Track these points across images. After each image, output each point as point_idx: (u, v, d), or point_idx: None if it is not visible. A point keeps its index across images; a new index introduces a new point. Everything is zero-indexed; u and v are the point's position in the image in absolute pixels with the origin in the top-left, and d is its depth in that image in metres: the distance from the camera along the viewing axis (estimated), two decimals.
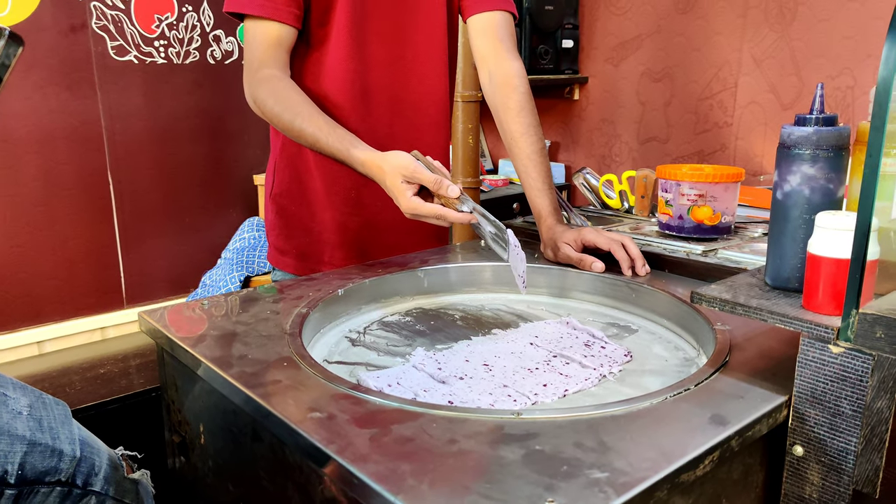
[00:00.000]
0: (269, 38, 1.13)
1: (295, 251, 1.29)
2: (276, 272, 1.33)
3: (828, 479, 0.68)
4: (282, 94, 1.11)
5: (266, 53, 1.13)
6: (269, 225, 1.33)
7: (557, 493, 0.55)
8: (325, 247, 1.28)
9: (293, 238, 1.29)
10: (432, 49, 1.24)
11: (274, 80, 1.13)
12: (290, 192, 1.27)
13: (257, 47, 1.13)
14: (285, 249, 1.30)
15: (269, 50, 1.14)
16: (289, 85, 1.13)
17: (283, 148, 1.27)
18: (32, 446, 0.84)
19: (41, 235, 1.86)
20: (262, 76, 1.13)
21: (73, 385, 1.59)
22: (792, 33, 1.99)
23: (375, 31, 1.19)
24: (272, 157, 1.30)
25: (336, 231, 1.27)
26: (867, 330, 0.63)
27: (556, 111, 2.67)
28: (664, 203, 1.23)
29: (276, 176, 1.29)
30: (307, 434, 0.64)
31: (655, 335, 1.00)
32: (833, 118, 0.73)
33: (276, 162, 1.28)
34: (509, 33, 1.27)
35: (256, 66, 1.13)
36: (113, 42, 1.93)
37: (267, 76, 1.13)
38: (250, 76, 1.14)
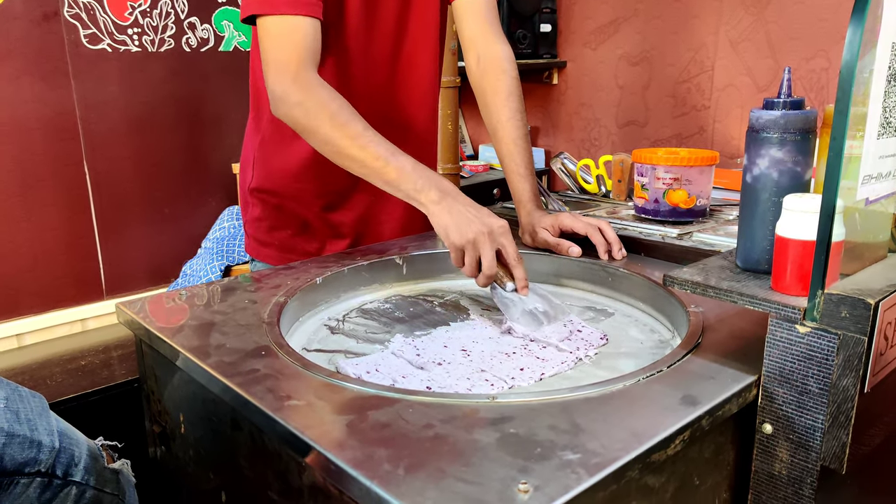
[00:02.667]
0: (305, 35, 1.04)
1: (277, 243, 1.28)
2: (256, 263, 1.32)
3: (796, 455, 0.70)
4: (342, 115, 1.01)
5: (305, 53, 1.03)
6: (247, 217, 1.31)
7: (531, 474, 0.56)
8: (313, 240, 1.27)
9: (275, 231, 1.28)
10: (426, 41, 1.23)
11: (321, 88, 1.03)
12: (271, 187, 1.25)
13: (289, 46, 1.03)
14: (266, 241, 1.29)
15: (307, 49, 1.04)
16: (344, 102, 1.03)
17: (262, 144, 1.24)
18: (10, 438, 0.84)
19: (18, 227, 1.85)
20: (304, 80, 1.02)
21: (53, 377, 1.58)
22: (767, 16, 2.00)
23: (379, 28, 1.18)
24: (248, 151, 1.28)
25: (326, 225, 1.26)
26: (832, 310, 0.65)
27: (535, 96, 2.67)
28: (640, 187, 1.25)
29: (254, 170, 1.26)
30: (285, 422, 0.65)
31: (631, 318, 1.01)
32: (800, 102, 0.74)
33: (255, 157, 1.25)
34: (495, 15, 1.27)
35: (294, 68, 1.02)
36: (86, 30, 1.91)
37: (311, 81, 1.03)
38: (284, 78, 1.02)
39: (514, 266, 0.96)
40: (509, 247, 0.95)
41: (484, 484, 0.55)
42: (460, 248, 0.95)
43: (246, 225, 1.33)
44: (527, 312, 0.94)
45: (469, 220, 0.95)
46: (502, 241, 0.95)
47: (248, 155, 1.28)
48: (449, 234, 0.95)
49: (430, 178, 0.99)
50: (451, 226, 0.95)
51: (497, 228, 0.95)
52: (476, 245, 0.94)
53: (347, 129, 1.00)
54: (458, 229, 0.94)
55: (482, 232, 0.94)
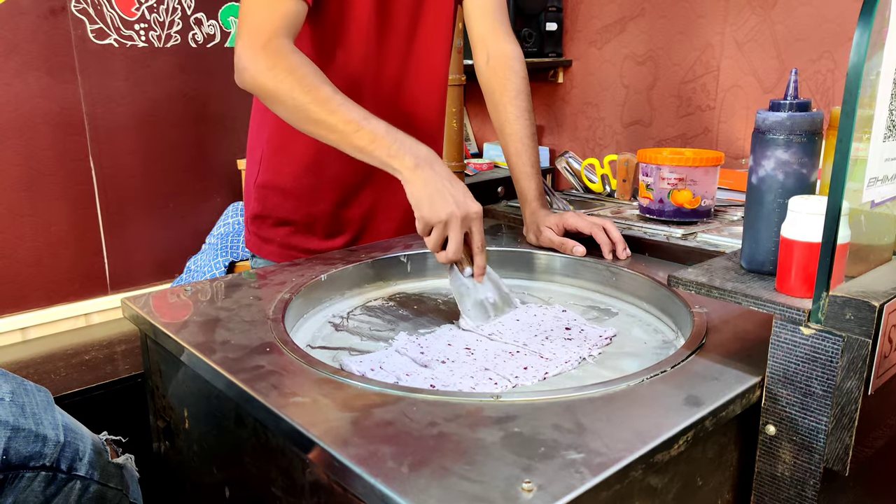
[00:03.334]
0: (288, 11, 1.00)
1: (279, 239, 1.28)
2: (257, 259, 1.31)
3: (799, 457, 0.70)
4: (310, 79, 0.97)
5: (279, 23, 0.99)
6: (250, 213, 1.30)
7: (534, 473, 0.56)
8: (315, 237, 1.27)
9: (279, 227, 1.27)
10: (438, 39, 1.23)
11: (293, 54, 0.98)
12: (278, 183, 1.24)
13: (268, 15, 0.99)
14: (269, 238, 1.28)
15: (286, 22, 1.00)
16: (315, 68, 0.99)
17: (270, 139, 1.23)
18: (16, 432, 0.85)
19: (23, 222, 1.85)
20: (276, 46, 0.98)
21: (57, 371, 1.59)
22: (773, 17, 2.00)
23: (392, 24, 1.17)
24: (256, 146, 1.27)
25: (330, 221, 1.26)
26: (837, 312, 0.65)
27: (541, 94, 2.67)
28: (645, 187, 1.25)
29: (261, 165, 1.25)
30: (289, 418, 0.65)
31: (635, 318, 1.01)
32: (807, 104, 0.74)
33: (263, 152, 1.25)
34: (504, 14, 1.27)
35: (267, 35, 0.98)
36: (93, 25, 1.91)
37: (283, 47, 0.98)
38: (254, 43, 0.98)
39: (476, 253, 0.96)
40: (477, 234, 0.95)
41: (487, 482, 0.55)
42: (429, 223, 0.94)
43: (248, 221, 1.32)
44: (478, 303, 0.97)
45: (444, 198, 0.92)
46: (472, 226, 0.95)
47: (255, 150, 1.27)
48: (421, 207, 0.93)
49: (405, 142, 0.95)
50: (425, 199, 0.93)
51: (471, 213, 0.94)
52: (446, 225, 0.93)
53: (316, 93, 0.96)
54: (431, 205, 0.93)
55: (455, 214, 0.92)
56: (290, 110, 0.98)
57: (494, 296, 0.98)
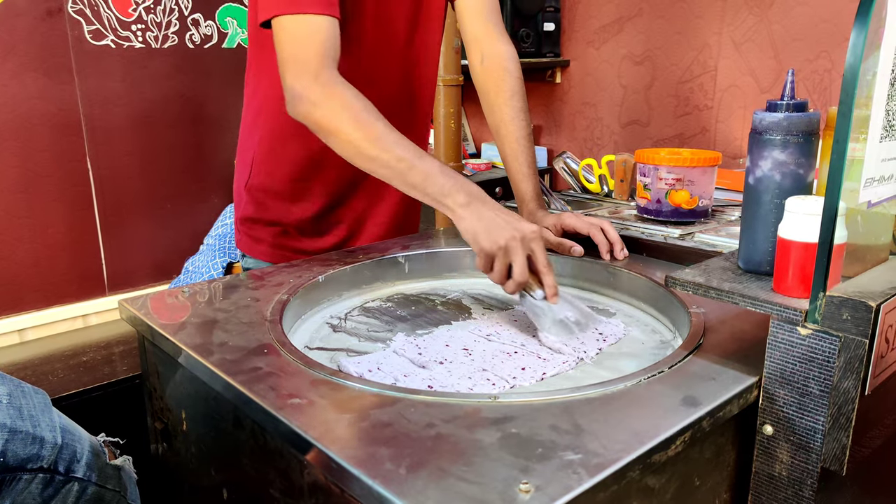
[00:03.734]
0: (327, 35, 1.00)
1: (271, 239, 1.27)
2: (248, 259, 1.31)
3: (797, 457, 0.70)
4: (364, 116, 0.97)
5: (326, 52, 1.00)
6: (241, 214, 1.30)
7: (532, 474, 0.56)
8: (306, 238, 1.27)
9: (270, 227, 1.27)
10: (433, 43, 1.24)
11: (345, 87, 0.99)
12: (270, 185, 1.24)
13: (309, 43, 0.99)
14: (260, 238, 1.28)
15: (328, 48, 1.00)
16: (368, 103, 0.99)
17: (261, 141, 1.23)
18: (13, 434, 0.84)
19: (21, 223, 1.85)
20: (327, 78, 0.99)
21: (55, 373, 1.58)
22: (771, 17, 2.00)
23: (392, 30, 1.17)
24: (248, 148, 1.26)
25: (322, 223, 1.26)
26: (834, 312, 0.65)
27: (538, 94, 2.67)
28: (642, 187, 1.25)
29: (253, 168, 1.25)
30: (287, 420, 0.65)
31: (633, 318, 1.01)
32: (803, 104, 0.74)
33: (255, 155, 1.24)
34: (498, 14, 1.27)
35: (315, 65, 0.99)
36: (90, 26, 1.91)
37: (333, 80, 0.99)
38: (305, 75, 0.99)
39: (544, 273, 0.92)
40: (540, 253, 0.92)
41: (485, 484, 0.55)
42: (490, 254, 0.91)
43: (239, 222, 1.31)
44: (557, 322, 0.92)
45: (500, 226, 0.91)
46: (533, 246, 0.92)
47: (246, 152, 1.27)
48: (479, 239, 0.92)
49: (457, 180, 0.95)
50: (481, 231, 0.92)
51: (529, 234, 0.91)
52: (507, 251, 0.90)
53: (370, 131, 0.97)
54: (488, 234, 0.91)
55: (514, 237, 0.90)
56: (344, 145, 0.98)
57: (574, 314, 0.93)
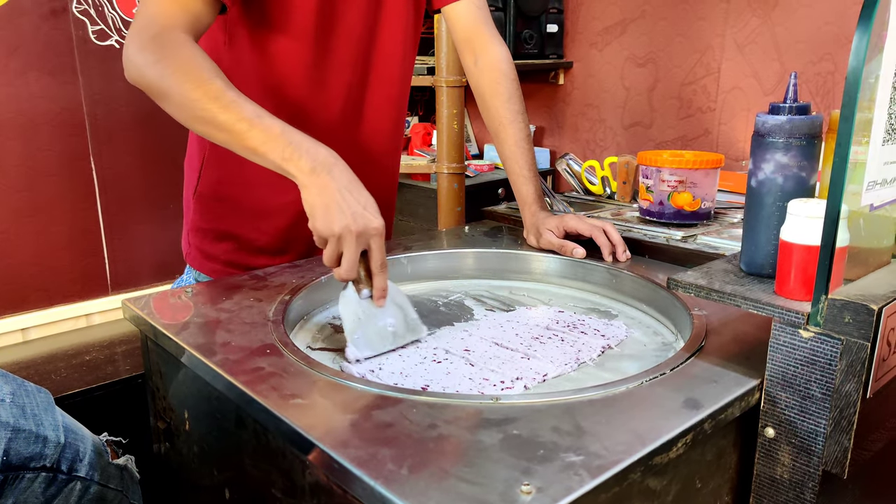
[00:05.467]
0: (188, 8, 0.92)
1: (223, 257, 1.19)
2: (196, 274, 1.23)
3: (798, 460, 0.70)
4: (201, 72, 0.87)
5: (177, 17, 0.90)
6: (190, 225, 1.21)
7: (534, 476, 0.56)
8: (262, 254, 1.19)
9: (222, 242, 1.19)
10: (395, 48, 1.15)
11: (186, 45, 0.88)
12: (220, 193, 1.16)
13: (165, 7, 0.91)
14: (211, 254, 1.20)
15: (181, 15, 0.91)
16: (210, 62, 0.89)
17: (212, 146, 1.13)
18: (16, 433, 0.85)
19: (24, 222, 1.85)
20: (167, 38, 0.89)
21: (58, 372, 1.58)
22: (774, 19, 2.00)
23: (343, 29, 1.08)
24: (197, 152, 1.18)
25: (279, 239, 1.18)
26: (836, 315, 0.65)
27: (541, 96, 2.67)
28: (645, 189, 1.25)
29: (202, 173, 1.16)
30: (289, 420, 0.65)
31: (635, 320, 1.01)
32: (806, 107, 0.74)
33: (206, 158, 1.15)
34: (487, 16, 1.24)
35: (160, 26, 0.89)
36: (94, 26, 1.91)
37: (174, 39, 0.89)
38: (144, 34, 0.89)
39: (376, 274, 0.86)
40: (376, 252, 0.85)
41: (487, 485, 0.55)
42: (323, 237, 0.84)
43: (188, 232, 1.22)
44: (373, 329, 0.86)
45: (340, 209, 0.82)
46: (371, 243, 0.85)
47: (194, 156, 1.19)
48: (315, 217, 0.84)
49: (302, 144, 0.85)
50: (319, 209, 0.83)
51: (369, 228, 0.83)
52: (340, 240, 0.83)
53: (207, 88, 0.85)
54: (325, 216, 0.83)
55: (349, 228, 0.82)
56: (178, 107, 0.88)
57: (397, 322, 0.87)
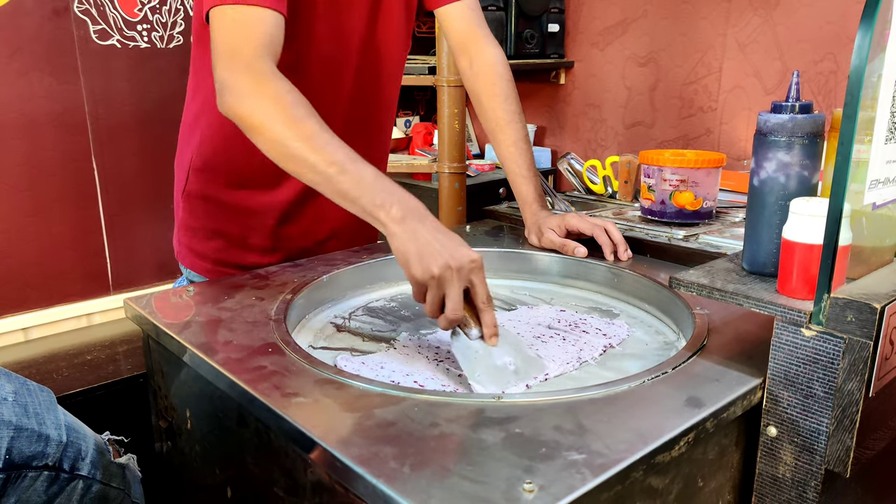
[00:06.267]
0: (267, 27, 0.91)
1: (212, 255, 1.20)
2: (187, 271, 1.23)
3: (800, 458, 0.70)
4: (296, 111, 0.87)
5: (263, 43, 0.91)
6: (180, 224, 1.21)
7: (536, 474, 0.56)
8: (251, 251, 1.19)
9: (212, 240, 1.19)
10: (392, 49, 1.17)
11: (278, 79, 0.89)
12: (209, 193, 1.16)
13: (246, 34, 0.91)
14: (201, 252, 1.20)
15: (267, 40, 0.91)
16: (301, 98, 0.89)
17: (200, 145, 1.14)
18: (19, 431, 0.85)
19: (26, 222, 1.85)
20: (260, 68, 0.89)
21: (59, 371, 1.59)
22: (776, 18, 2.00)
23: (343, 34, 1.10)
24: (186, 152, 1.18)
25: (269, 236, 1.19)
26: (838, 314, 0.65)
27: (542, 95, 2.67)
28: (647, 188, 1.25)
29: (191, 173, 1.16)
30: (291, 419, 0.65)
31: (636, 319, 1.01)
32: (808, 105, 0.74)
33: (194, 159, 1.15)
34: (481, 18, 1.25)
35: (249, 55, 0.89)
36: (95, 26, 1.91)
37: (267, 71, 0.89)
38: (235, 65, 0.89)
39: (482, 310, 0.82)
40: (479, 286, 0.81)
41: (489, 483, 0.55)
42: (422, 283, 0.80)
43: (179, 230, 1.22)
44: (492, 367, 0.80)
45: (436, 251, 0.80)
46: (472, 278, 0.81)
47: (184, 156, 1.18)
48: (410, 264, 0.81)
49: (393, 192, 0.84)
50: (413, 254, 0.80)
51: (468, 263, 0.80)
52: (441, 282, 0.79)
53: (301, 128, 0.86)
54: (420, 260, 0.80)
55: (449, 267, 0.79)
56: (270, 144, 0.87)
57: (514, 359, 0.81)
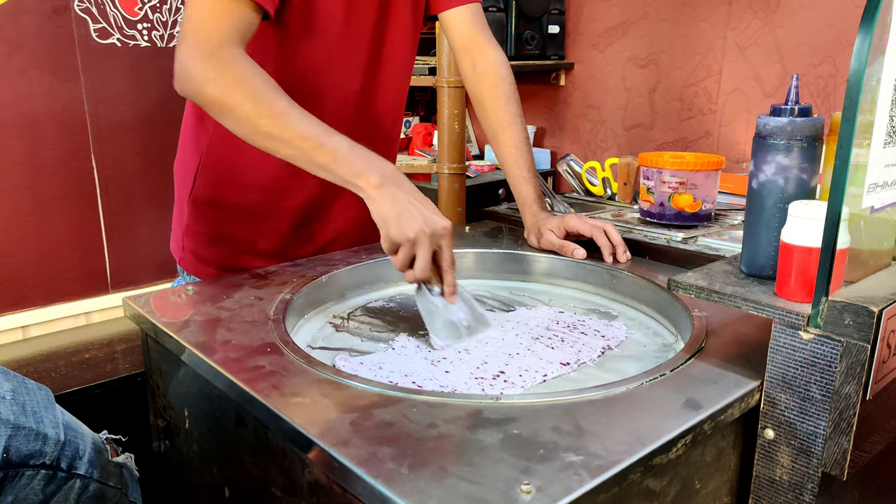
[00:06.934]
0: (241, 18, 0.94)
1: (219, 261, 1.19)
2: (189, 277, 1.22)
3: (797, 461, 0.70)
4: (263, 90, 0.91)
5: (230, 30, 0.92)
6: (185, 229, 1.20)
7: (533, 475, 0.56)
8: (260, 257, 1.19)
9: (218, 246, 1.19)
10: (399, 53, 1.18)
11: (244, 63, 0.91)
12: (217, 197, 1.16)
13: (217, 21, 0.92)
14: (207, 258, 1.20)
15: (233, 28, 0.93)
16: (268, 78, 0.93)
17: (210, 148, 1.14)
18: (16, 430, 0.85)
19: (25, 220, 1.85)
20: (226, 55, 0.91)
21: (58, 370, 1.59)
22: (776, 21, 2.00)
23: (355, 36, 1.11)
24: (191, 155, 1.17)
25: (280, 242, 1.19)
26: (836, 317, 0.65)
27: (542, 97, 2.67)
28: (646, 190, 1.25)
29: (198, 177, 1.16)
30: (289, 419, 0.65)
31: (635, 321, 1.01)
32: (808, 109, 0.74)
33: (202, 162, 1.15)
34: (483, 21, 1.26)
35: (216, 42, 0.91)
36: (96, 25, 1.91)
37: (233, 56, 0.91)
38: (201, 51, 0.90)
39: (445, 271, 0.92)
40: (446, 250, 0.91)
41: (487, 484, 0.55)
42: (397, 242, 0.89)
43: (182, 236, 1.21)
44: (449, 323, 0.91)
45: (412, 215, 0.88)
46: (441, 243, 0.90)
47: (189, 159, 1.18)
48: (388, 226, 0.89)
49: (370, 159, 0.91)
50: (392, 218, 0.88)
51: (440, 230, 0.89)
52: (414, 244, 0.88)
53: (269, 106, 0.90)
54: (398, 222, 0.88)
55: (423, 231, 0.88)
56: (241, 123, 0.91)
57: (467, 316, 0.93)
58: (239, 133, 0.93)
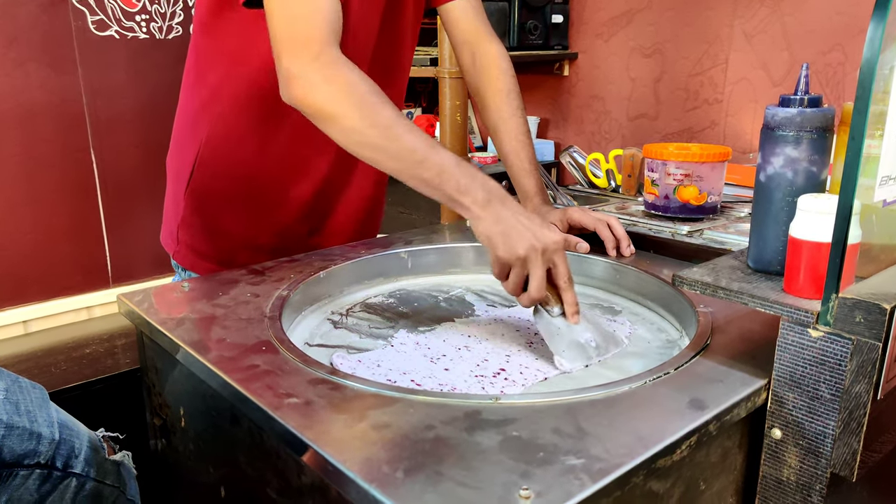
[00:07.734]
0: (329, 12, 0.89)
1: (217, 255, 1.17)
2: (184, 271, 1.21)
3: (806, 462, 0.68)
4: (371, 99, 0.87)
5: (324, 29, 0.88)
6: (181, 222, 1.18)
7: (533, 479, 0.54)
8: (260, 252, 1.16)
9: (215, 240, 1.17)
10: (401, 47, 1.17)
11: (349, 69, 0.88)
12: (216, 190, 1.14)
13: (309, 21, 0.88)
14: (206, 253, 1.18)
15: (331, 26, 0.89)
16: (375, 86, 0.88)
17: (208, 140, 1.11)
18: (10, 429, 0.83)
19: (23, 214, 1.84)
20: (329, 58, 0.87)
21: (58, 365, 1.58)
22: (783, 8, 1.97)
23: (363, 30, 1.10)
24: (188, 147, 1.14)
25: (277, 236, 1.18)
26: (847, 314, 0.63)
27: (546, 87, 2.65)
28: (650, 182, 1.22)
29: (195, 169, 1.13)
30: (283, 420, 0.64)
31: (639, 316, 0.99)
32: (818, 99, 0.72)
33: (199, 154, 1.12)
34: (483, 14, 1.25)
35: (317, 44, 0.87)
36: (93, 16, 1.89)
37: (337, 60, 0.88)
38: (304, 55, 0.87)
39: (564, 289, 0.84)
40: (561, 266, 0.84)
41: (484, 489, 0.53)
42: (507, 263, 0.83)
43: (178, 231, 1.19)
44: (575, 344, 0.83)
45: (520, 233, 0.82)
46: (555, 259, 0.83)
47: (186, 151, 1.15)
48: (495, 245, 0.83)
49: (475, 176, 0.86)
50: (499, 237, 0.83)
51: (551, 245, 0.82)
52: (525, 262, 0.82)
53: (378, 117, 0.86)
54: (506, 241, 0.82)
55: (534, 248, 0.81)
56: (346, 133, 0.87)
57: (594, 336, 0.85)
58: (342, 142, 0.89)
